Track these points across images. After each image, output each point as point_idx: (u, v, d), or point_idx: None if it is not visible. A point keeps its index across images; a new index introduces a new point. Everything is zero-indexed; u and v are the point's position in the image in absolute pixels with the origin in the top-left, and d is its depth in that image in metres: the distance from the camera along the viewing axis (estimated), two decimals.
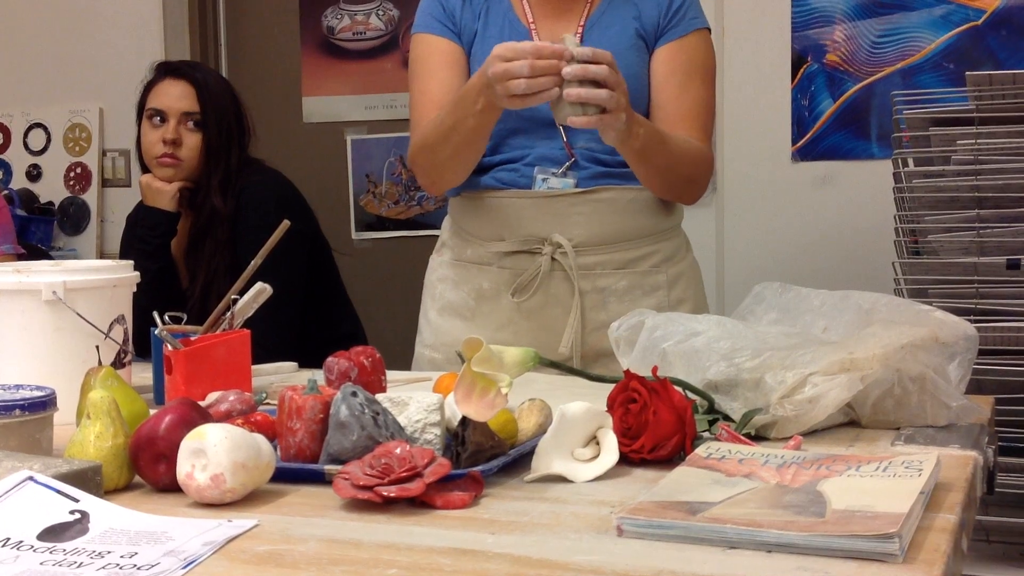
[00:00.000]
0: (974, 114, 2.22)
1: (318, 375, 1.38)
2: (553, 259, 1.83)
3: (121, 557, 0.89)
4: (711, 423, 1.26)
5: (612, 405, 1.21)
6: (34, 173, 4.04)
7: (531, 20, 1.88)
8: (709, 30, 1.92)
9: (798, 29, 3.11)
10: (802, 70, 3.11)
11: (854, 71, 3.06)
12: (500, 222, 1.86)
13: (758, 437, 1.24)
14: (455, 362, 1.86)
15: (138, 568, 0.87)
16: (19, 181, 4.04)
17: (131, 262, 1.58)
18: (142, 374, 1.60)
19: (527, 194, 1.84)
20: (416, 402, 1.16)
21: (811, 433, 1.25)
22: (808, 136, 3.11)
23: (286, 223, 1.56)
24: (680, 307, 1.86)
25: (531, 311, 1.85)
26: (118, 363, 1.48)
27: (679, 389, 1.22)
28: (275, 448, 1.15)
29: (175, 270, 2.32)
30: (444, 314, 1.94)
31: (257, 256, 1.56)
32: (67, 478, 1.01)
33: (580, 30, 1.86)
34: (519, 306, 1.85)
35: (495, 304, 1.87)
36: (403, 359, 2.02)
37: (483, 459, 1.11)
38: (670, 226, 1.92)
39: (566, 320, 1.83)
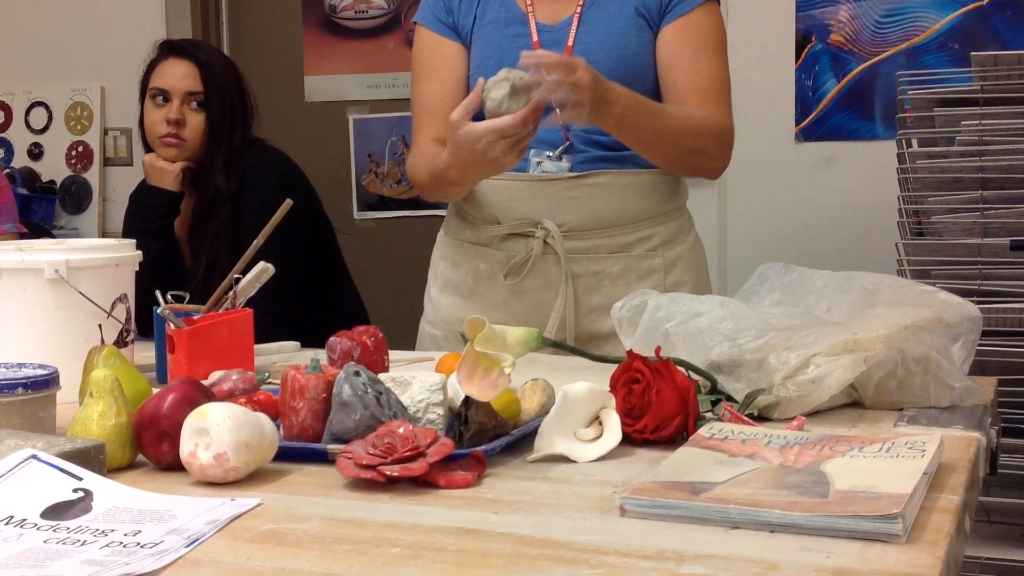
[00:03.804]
0: (979, 95, 2.22)
1: (320, 355, 1.38)
2: (546, 243, 1.83)
3: (125, 535, 0.89)
4: (714, 404, 1.26)
5: (615, 385, 1.21)
6: (35, 152, 4.03)
7: (529, 3, 1.88)
8: (718, 1, 1.88)
9: (802, 8, 3.10)
10: (806, 50, 3.10)
11: (858, 51, 3.05)
12: (495, 205, 1.87)
13: (761, 418, 1.24)
14: (454, 339, 1.89)
15: (142, 546, 0.87)
16: (20, 160, 4.04)
17: (133, 241, 1.58)
18: (144, 353, 1.60)
19: (522, 177, 1.85)
20: (419, 382, 1.16)
21: (814, 414, 1.25)
22: (812, 116, 3.10)
23: (289, 202, 1.56)
24: (677, 290, 1.83)
25: (525, 293, 1.86)
26: (121, 342, 1.48)
27: (682, 370, 1.22)
28: (278, 427, 1.15)
29: (178, 250, 2.32)
30: (444, 292, 1.96)
31: (260, 235, 1.56)
32: (70, 456, 1.01)
33: (579, 10, 1.85)
34: (513, 288, 1.86)
35: (491, 285, 1.88)
36: (405, 339, 2.02)
37: (486, 439, 1.11)
38: (670, 209, 1.91)
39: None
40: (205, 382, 1.26)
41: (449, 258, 1.96)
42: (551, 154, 1.84)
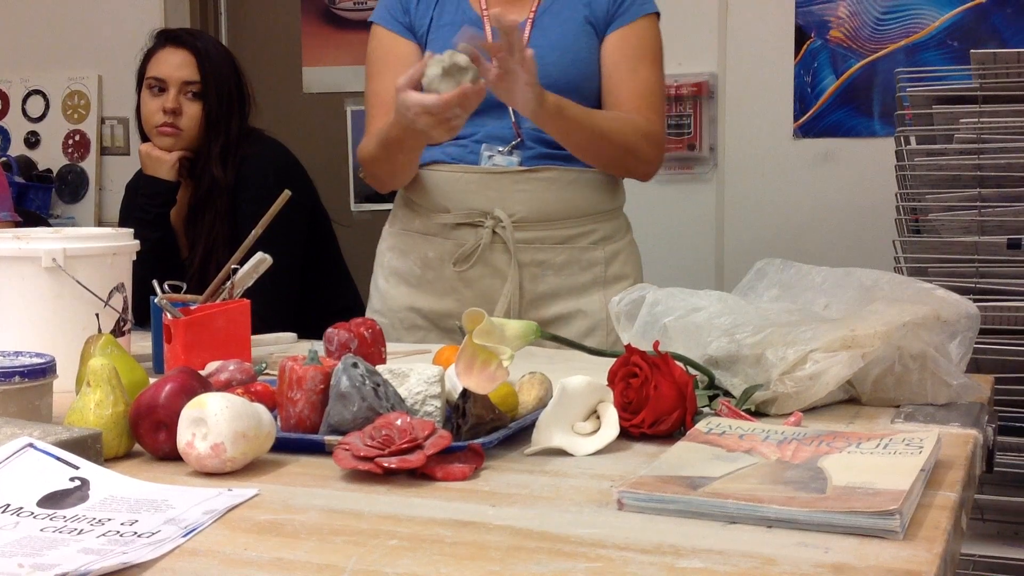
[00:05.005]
0: (977, 92, 2.22)
1: (318, 346, 1.38)
2: (494, 232, 1.90)
3: (121, 524, 0.89)
4: (711, 399, 1.26)
5: (613, 379, 1.21)
6: (32, 140, 4.02)
7: (484, 8, 1.95)
8: (658, 15, 1.98)
9: (802, 4, 3.10)
10: (805, 46, 3.10)
11: (858, 48, 3.05)
12: (446, 195, 1.94)
13: (758, 413, 1.24)
14: (399, 327, 1.98)
15: (139, 535, 0.87)
16: (17, 148, 4.03)
17: (131, 230, 1.58)
18: (141, 343, 1.60)
19: (473, 169, 1.92)
20: (417, 374, 1.16)
21: (811, 410, 1.25)
22: (810, 113, 3.10)
23: (287, 193, 1.55)
24: (617, 282, 1.94)
25: (472, 280, 1.93)
26: (117, 331, 1.48)
27: (680, 364, 1.22)
28: (275, 418, 1.15)
29: (175, 239, 2.31)
30: (391, 281, 2.02)
31: (257, 226, 1.56)
32: (67, 445, 1.01)
33: (532, 16, 1.93)
34: (461, 275, 1.93)
35: (439, 273, 1.95)
36: None
37: (484, 432, 1.11)
38: (611, 208, 2.00)
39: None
40: (202, 372, 1.25)
41: (396, 248, 2.02)
42: (502, 149, 1.92)
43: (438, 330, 1.95)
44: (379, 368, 1.17)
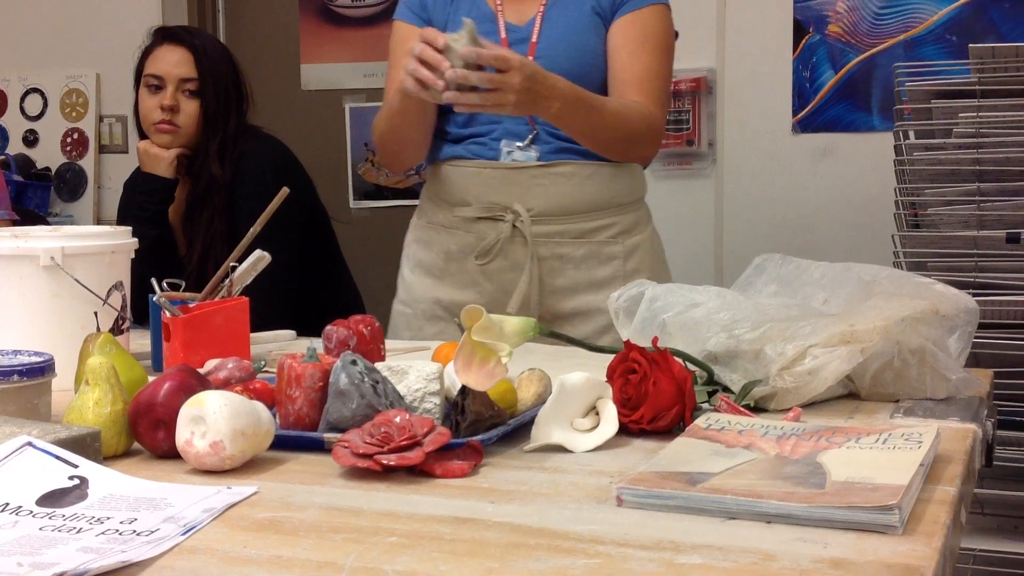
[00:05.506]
0: (976, 87, 2.22)
1: (316, 343, 1.38)
2: (514, 226, 1.94)
3: (120, 523, 0.89)
4: (710, 394, 1.26)
5: (612, 375, 1.21)
6: (31, 138, 4.02)
7: (499, 3, 1.99)
8: (667, 7, 1.99)
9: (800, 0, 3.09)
10: (804, 41, 3.09)
11: (856, 42, 3.04)
12: (467, 190, 1.97)
13: (757, 409, 1.24)
14: (422, 316, 2.02)
15: (138, 534, 0.87)
16: (15, 146, 4.02)
17: (129, 228, 1.58)
18: (140, 341, 1.60)
19: (492, 165, 1.96)
20: (415, 371, 1.16)
21: (810, 405, 1.25)
22: (809, 108, 3.10)
23: (285, 190, 1.55)
24: (636, 276, 1.94)
25: (492, 273, 1.96)
26: (116, 330, 1.48)
27: (679, 360, 1.22)
28: (274, 416, 1.15)
29: (173, 237, 2.31)
30: (416, 272, 2.06)
31: (256, 223, 1.56)
32: (66, 444, 1.01)
33: (542, 9, 1.96)
34: (482, 268, 1.96)
35: (461, 265, 1.98)
36: None
37: (482, 428, 1.11)
38: (630, 200, 2.02)
39: None
40: (201, 370, 1.25)
41: (421, 240, 2.06)
42: (521, 144, 1.95)
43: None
44: (378, 365, 1.17)
